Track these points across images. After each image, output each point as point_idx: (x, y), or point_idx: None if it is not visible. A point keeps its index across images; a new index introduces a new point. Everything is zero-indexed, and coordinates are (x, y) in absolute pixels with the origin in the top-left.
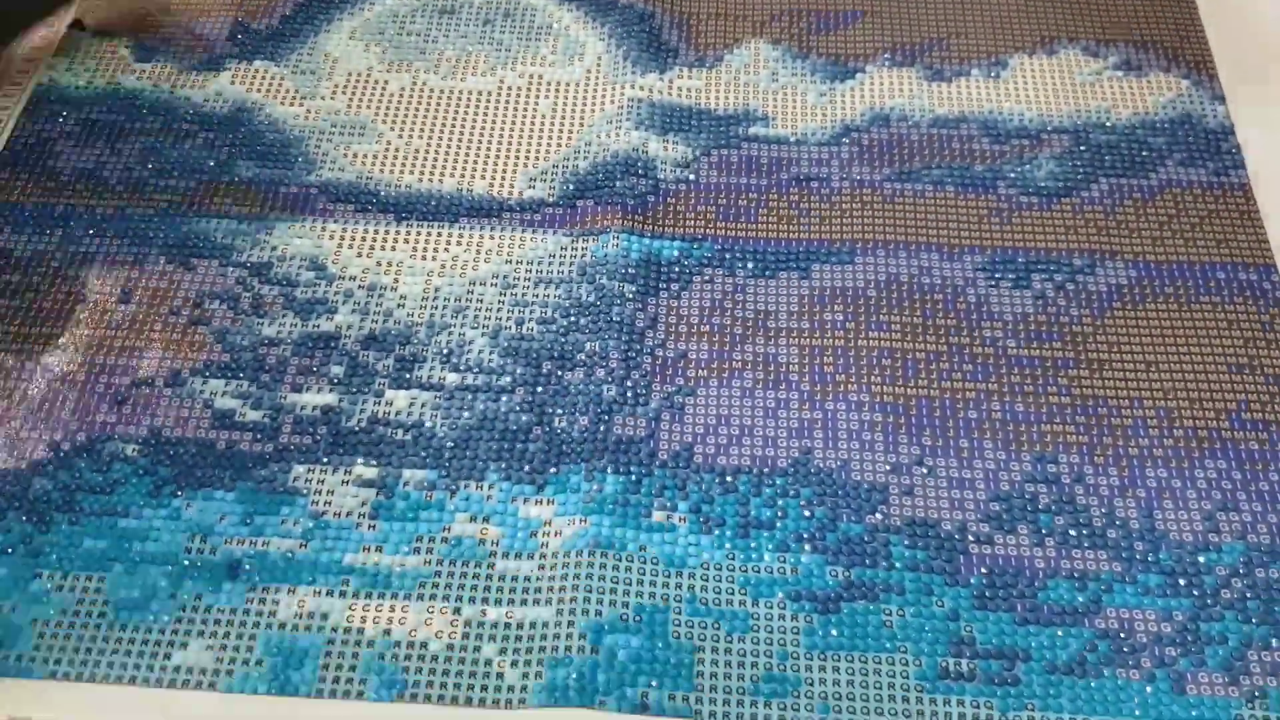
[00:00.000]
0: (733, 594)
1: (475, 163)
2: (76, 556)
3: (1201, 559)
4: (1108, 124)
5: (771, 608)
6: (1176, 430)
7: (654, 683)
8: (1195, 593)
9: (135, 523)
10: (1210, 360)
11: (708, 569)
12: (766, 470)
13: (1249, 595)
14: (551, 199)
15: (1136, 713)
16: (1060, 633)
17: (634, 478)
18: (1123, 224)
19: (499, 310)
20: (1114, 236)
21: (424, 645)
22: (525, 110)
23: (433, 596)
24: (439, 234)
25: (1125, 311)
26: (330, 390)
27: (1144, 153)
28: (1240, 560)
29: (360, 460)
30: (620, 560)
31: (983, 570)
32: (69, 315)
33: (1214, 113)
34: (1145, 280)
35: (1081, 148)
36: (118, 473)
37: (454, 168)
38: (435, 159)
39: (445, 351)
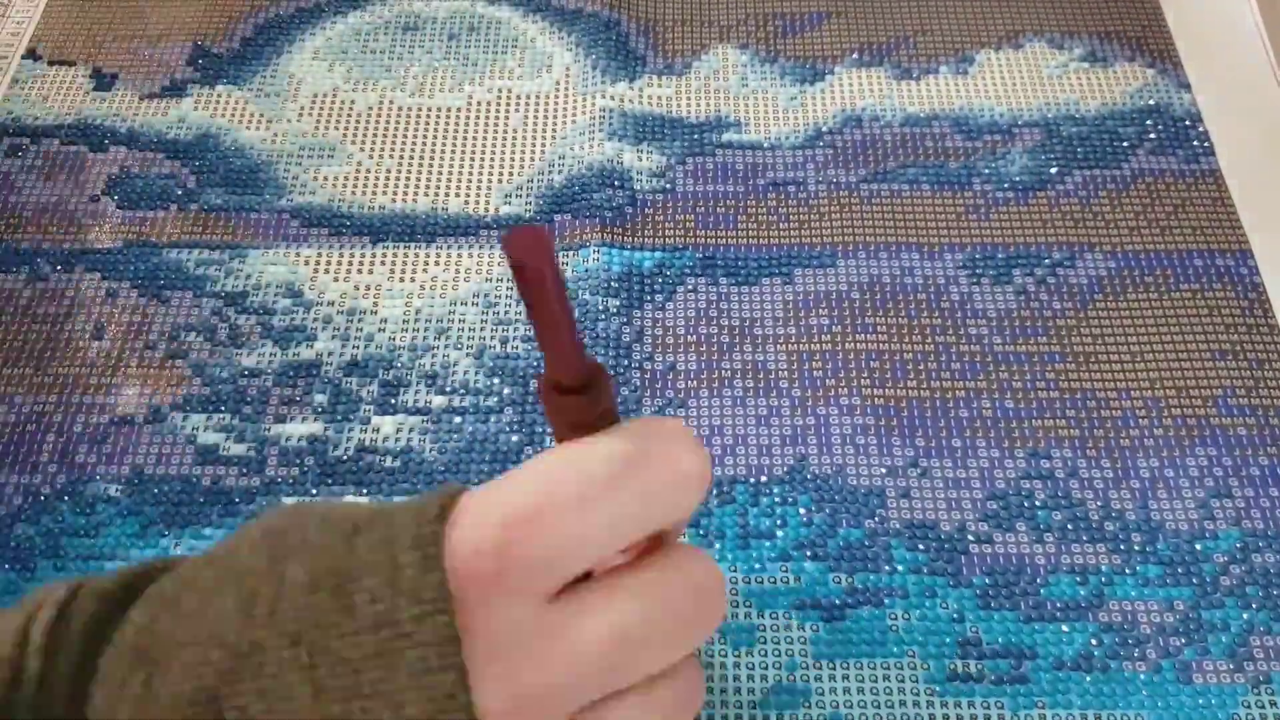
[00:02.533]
0: (737, 606)
1: (449, 180)
2: None
3: (1199, 547)
4: (1077, 116)
5: (777, 618)
6: (1166, 419)
7: None
8: (1195, 581)
9: (123, 565)
10: (1194, 348)
11: None
12: (763, 479)
13: (1248, 581)
14: (529, 214)
15: (1145, 705)
16: (1065, 628)
17: None
18: (1099, 215)
19: (482, 330)
20: (1091, 228)
21: None
22: (496, 125)
23: None
24: (416, 255)
25: (1107, 303)
26: (315, 419)
27: (1115, 143)
28: (1237, 546)
29: (351, 490)
30: None
31: (984, 570)
32: (41, 354)
33: (1180, 101)
34: (1125, 271)
35: (1053, 140)
36: (102, 514)
37: (427, 186)
38: (408, 178)
39: (430, 374)
